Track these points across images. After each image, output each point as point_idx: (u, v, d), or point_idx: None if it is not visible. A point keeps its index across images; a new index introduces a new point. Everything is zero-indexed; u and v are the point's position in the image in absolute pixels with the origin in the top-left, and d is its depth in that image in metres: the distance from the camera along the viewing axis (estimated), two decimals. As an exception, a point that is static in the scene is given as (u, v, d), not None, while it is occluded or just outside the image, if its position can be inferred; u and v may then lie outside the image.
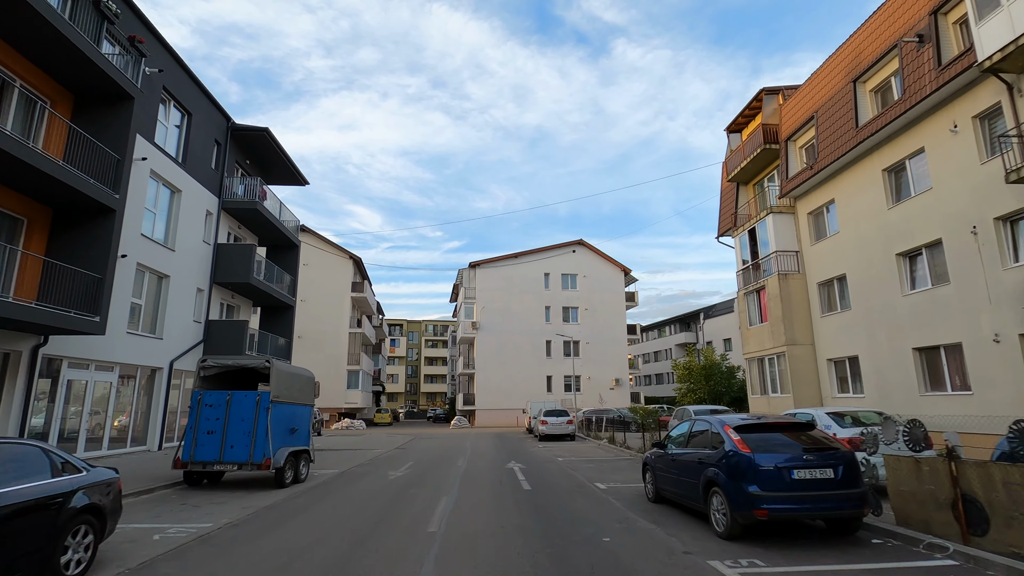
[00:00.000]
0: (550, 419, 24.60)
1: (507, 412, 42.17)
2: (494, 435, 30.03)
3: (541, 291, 45.11)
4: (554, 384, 43.54)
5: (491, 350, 43.17)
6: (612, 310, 45.62)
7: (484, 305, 43.92)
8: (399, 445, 22.47)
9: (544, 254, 45.84)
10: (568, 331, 44.66)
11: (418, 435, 30.49)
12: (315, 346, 40.93)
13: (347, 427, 39.20)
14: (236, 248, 19.61)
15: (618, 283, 46.35)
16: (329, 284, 42.00)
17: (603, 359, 44.51)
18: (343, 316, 41.44)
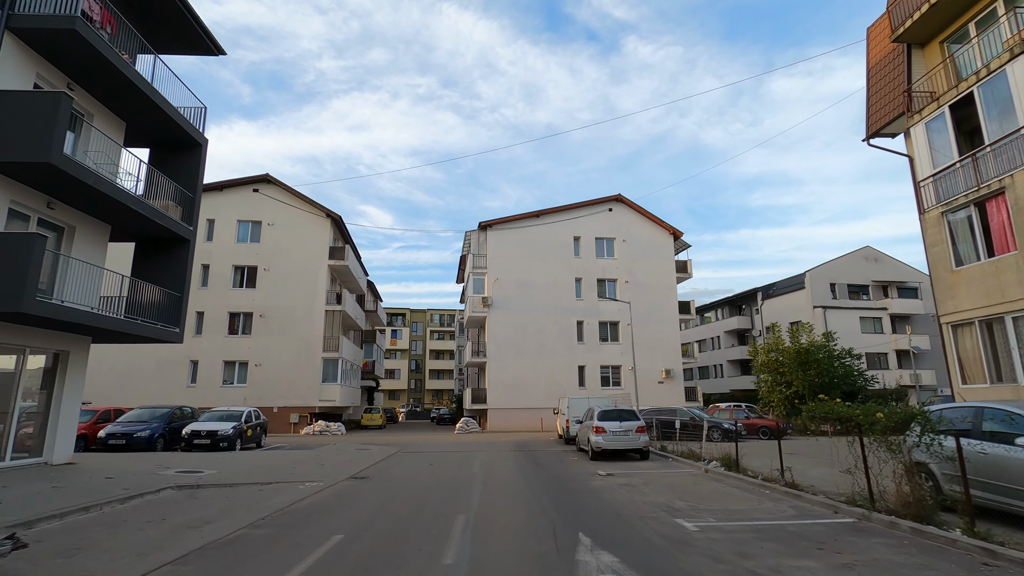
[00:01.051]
0: (611, 425, 15.16)
1: (527, 412, 32.82)
2: (514, 446, 20.65)
3: (570, 259, 35.63)
4: (587, 376, 34.07)
5: (507, 333, 33.80)
6: (659, 283, 36.03)
7: (498, 276, 34.55)
8: (358, 472, 13.16)
9: (573, 213, 36.35)
10: (605, 309, 35.16)
11: (405, 446, 21.19)
12: (280, 327, 31.84)
13: (320, 432, 30.04)
14: (16, 97, 10.31)
15: (666, 249, 36.73)
16: (299, 249, 32.90)
17: (649, 344, 34.91)
18: (317, 289, 32.39)
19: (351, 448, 18.93)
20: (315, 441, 23.99)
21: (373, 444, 21.71)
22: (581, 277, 35.47)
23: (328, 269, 33.22)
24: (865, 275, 43.18)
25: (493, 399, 32.94)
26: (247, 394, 30.77)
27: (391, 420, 47.78)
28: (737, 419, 23.28)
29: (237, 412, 18.10)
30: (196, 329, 31.31)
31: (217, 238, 32.51)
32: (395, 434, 31.39)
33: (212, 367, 30.85)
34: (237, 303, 31.82)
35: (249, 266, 32.52)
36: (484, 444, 21.80)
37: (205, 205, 32.83)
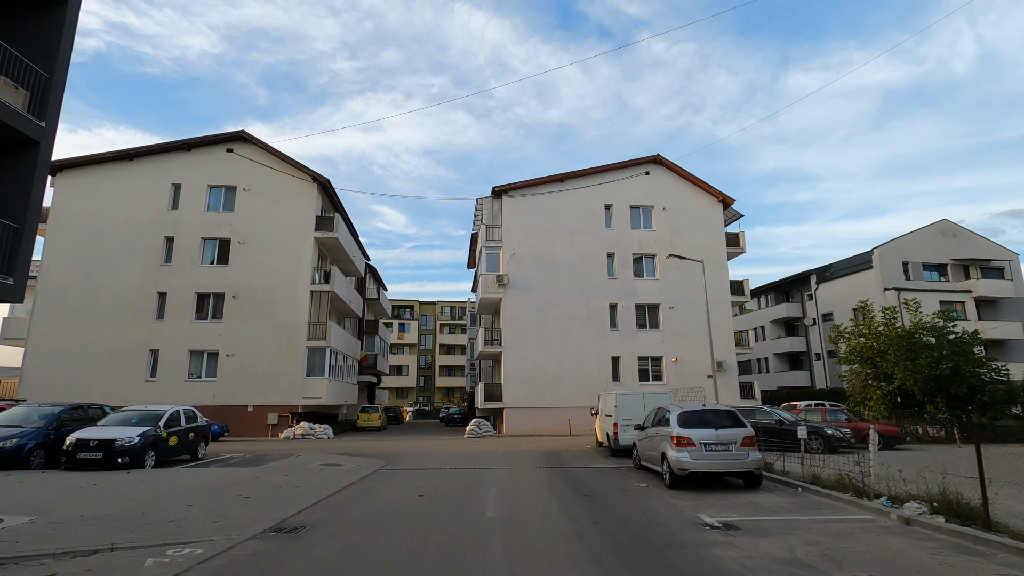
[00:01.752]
0: (701, 435, 9.62)
1: (551, 413, 27.40)
2: (543, 460, 15.20)
3: (600, 230, 30.09)
4: (623, 369, 28.52)
5: (526, 318, 28.38)
6: (707, 259, 30.22)
7: (515, 251, 29.13)
8: (293, 515, 7.80)
9: (603, 177, 30.78)
10: (642, 290, 29.59)
11: (396, 458, 15.83)
12: (257, 310, 26.75)
13: (302, 435, 24.88)
14: None
15: (713, 219, 31.03)
16: (281, 218, 27.80)
17: (696, 332, 29.27)
18: (302, 266, 27.27)
19: (317, 462, 13.63)
20: (286, 449, 18.80)
21: (356, 454, 16.43)
22: (614, 252, 29.91)
23: (314, 243, 28.06)
24: (942, 252, 37.04)
25: (510, 396, 27.55)
26: (217, 390, 25.74)
27: (394, 420, 42.64)
28: (833, 422, 17.68)
29: (155, 413, 12.89)
30: (157, 313, 26.36)
31: (183, 206, 27.51)
32: (393, 438, 26.13)
33: (175, 358, 25.86)
34: (206, 282, 26.81)
35: (221, 239, 27.48)
36: (501, 455, 16.39)
37: (169, 167, 27.95)
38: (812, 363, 42.13)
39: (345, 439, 25.30)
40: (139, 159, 27.81)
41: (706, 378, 28.57)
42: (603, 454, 16.30)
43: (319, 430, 25.41)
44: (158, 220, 27.15)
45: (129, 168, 27.64)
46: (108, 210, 26.96)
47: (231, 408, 25.60)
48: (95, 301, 25.87)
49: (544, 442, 21.72)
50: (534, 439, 23.80)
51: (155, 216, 27.16)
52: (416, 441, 23.71)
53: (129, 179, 27.48)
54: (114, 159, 27.54)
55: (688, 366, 28.74)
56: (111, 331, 25.64)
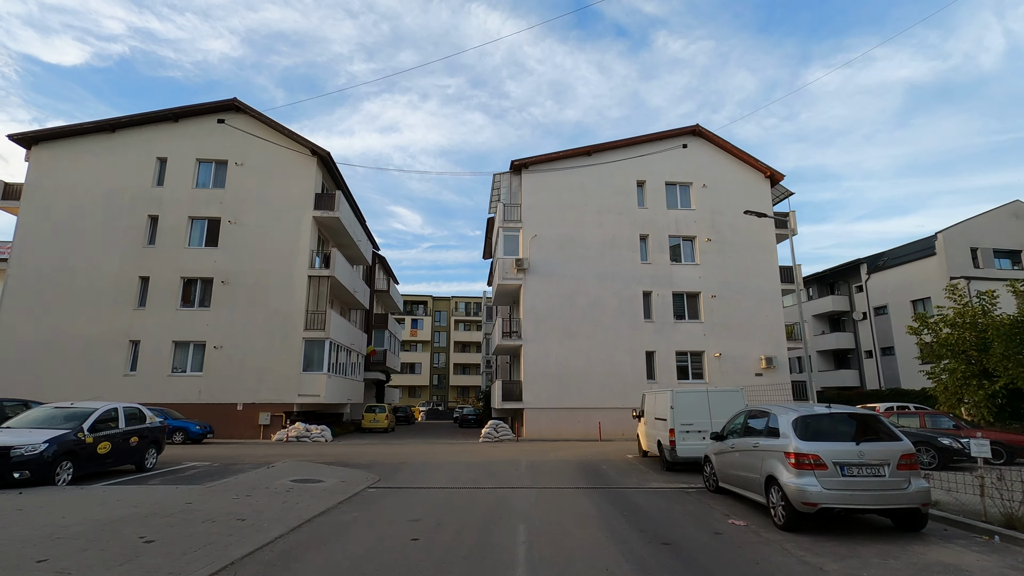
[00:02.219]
0: (838, 452, 6.37)
1: (577, 415, 24.19)
2: (580, 475, 11.98)
3: (632, 209, 26.76)
4: (659, 365, 25.15)
5: (549, 307, 25.18)
6: (753, 242, 26.85)
7: (537, 232, 25.94)
8: (229, 563, 4.72)
9: (635, 150, 27.44)
10: (680, 277, 26.20)
11: (393, 471, 12.70)
12: (249, 297, 23.94)
13: (297, 437, 22.01)
14: None
15: (760, 197, 27.49)
16: (276, 196, 24.97)
17: (742, 324, 25.87)
18: (299, 248, 24.42)
19: (290, 477, 10.58)
20: (269, 455, 15.85)
21: (347, 464, 13.39)
22: (647, 234, 26.55)
23: (313, 223, 25.18)
24: (1017, 238, 32.96)
25: (531, 395, 24.35)
26: (203, 386, 22.99)
27: (405, 421, 39.73)
28: (938, 429, 14.26)
29: (81, 411, 9.94)
30: (138, 300, 23.69)
31: (170, 183, 24.82)
32: (399, 442, 23.11)
33: (158, 349, 23.15)
34: (193, 266, 24.08)
35: (210, 218, 24.74)
36: (525, 467, 13.21)
37: (154, 139, 25.27)
38: (862, 361, 38.23)
39: (345, 442, 22.35)
40: (122, 130, 25.19)
41: (754, 376, 25.20)
42: (652, 467, 13.04)
43: (316, 432, 22.50)
44: (141, 197, 24.50)
45: (111, 140, 25.04)
46: (87, 186, 24.39)
47: (219, 406, 22.82)
48: (70, 286, 23.29)
49: (572, 449, 18.50)
50: (559, 444, 20.59)
51: (138, 193, 24.51)
52: (424, 446, 20.65)
53: (110, 152, 24.88)
54: (94, 130, 24.96)
55: (733, 362, 25.29)
56: (87, 319, 23.03)
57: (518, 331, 25.34)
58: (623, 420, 23.88)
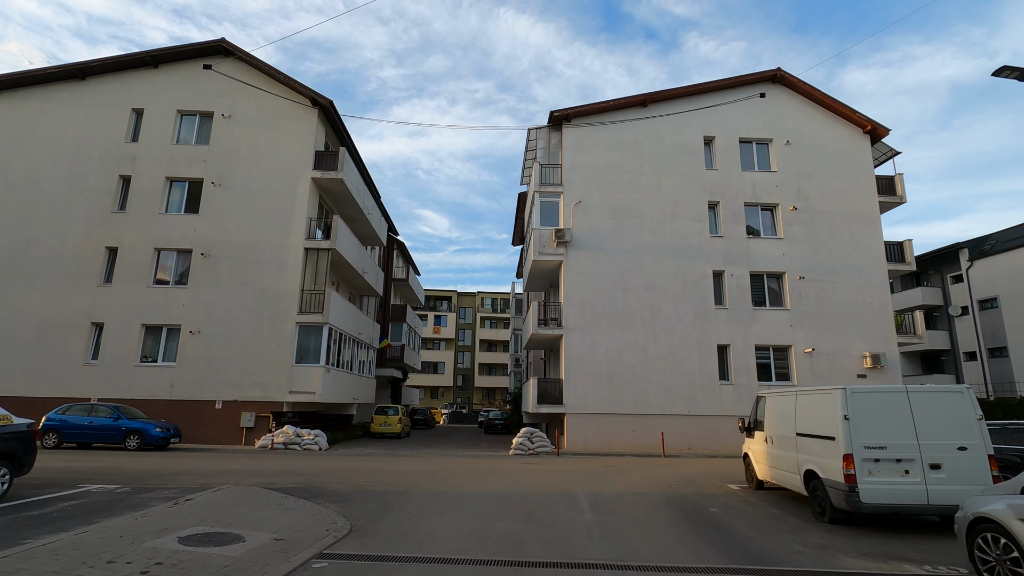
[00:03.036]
0: None
1: (633, 422, 19.36)
2: (682, 521, 7.21)
3: (698, 171, 21.81)
4: (734, 361, 20.12)
5: (596, 290, 20.44)
6: (850, 211, 21.60)
7: (581, 198, 21.24)
8: None
9: (701, 100, 22.50)
10: (759, 253, 21.14)
11: (387, 504, 8.14)
12: (233, 273, 19.87)
13: (284, 444, 17.77)
14: None
15: (858, 157, 22.21)
16: (269, 154, 20.90)
17: (839, 313, 20.67)
18: (295, 216, 20.30)
19: (190, 528, 6.13)
20: (227, 470, 11.53)
21: (311, 495, 8.92)
22: (718, 201, 21.57)
23: (313, 186, 21.00)
24: None
25: (573, 397, 19.60)
26: (177, 379, 18.96)
27: (423, 424, 35.37)
28: None
29: None
30: (104, 275, 19.86)
31: (146, 137, 20.98)
32: (409, 453, 18.63)
33: (125, 334, 19.24)
34: (170, 235, 20.14)
35: (192, 179, 20.80)
36: (587, 508, 8.51)
37: (130, 88, 21.44)
38: (959, 364, 32.27)
39: (342, 451, 18.00)
40: (93, 78, 21.48)
41: (856, 378, 20.00)
42: (793, 511, 8.20)
43: (308, 438, 18.20)
44: (112, 155, 20.71)
45: (79, 89, 21.34)
46: (50, 142, 20.74)
47: (194, 404, 18.77)
48: (25, 258, 19.61)
49: (639, 470, 13.71)
50: (614, 462, 15.80)
51: (109, 150, 20.74)
52: (440, 460, 16.12)
53: (79, 103, 21.18)
54: (61, 77, 21.30)
55: (828, 360, 20.09)
56: (43, 298, 19.29)
57: (557, 318, 20.64)
58: (690, 431, 19.00)
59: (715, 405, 19.59)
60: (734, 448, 19.09)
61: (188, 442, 18.30)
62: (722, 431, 19.34)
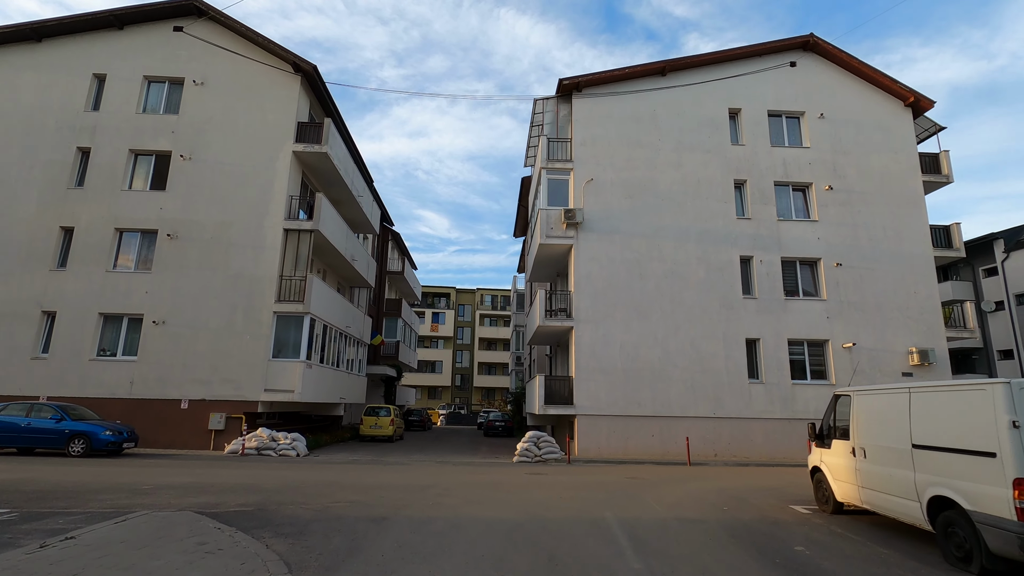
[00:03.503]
0: None
1: (651, 425, 17.21)
2: (769, 571, 4.98)
3: (723, 147, 19.67)
4: (765, 357, 17.96)
5: (610, 276, 18.30)
6: (892, 192, 19.47)
7: (593, 175, 19.08)
8: None
9: (726, 68, 20.37)
10: (792, 237, 19.00)
11: (350, 542, 5.96)
12: (203, 257, 17.69)
13: (257, 449, 15.61)
14: None
15: (898, 132, 20.09)
16: (246, 125, 18.74)
17: (880, 304, 18.54)
18: (272, 194, 18.16)
19: (112, 561, 3.98)
20: (190, 481, 9.36)
21: (258, 522, 6.77)
22: (745, 180, 19.43)
23: (294, 161, 18.84)
24: None
25: (585, 397, 17.43)
26: (138, 375, 16.78)
27: (418, 426, 33.17)
28: None
29: None
30: (57, 257, 17.68)
31: (108, 106, 18.82)
32: (399, 460, 16.46)
33: (80, 325, 17.06)
34: (133, 214, 17.98)
35: (159, 152, 18.63)
36: (627, 545, 6.36)
37: (92, 52, 19.26)
38: (993, 363, 30.14)
39: (324, 457, 15.82)
40: (50, 40, 19.31)
41: (901, 376, 17.88)
42: (909, 550, 6.04)
43: (284, 442, 16.02)
44: (70, 125, 18.55)
45: (35, 52, 19.18)
46: (1, 110, 18.57)
47: (157, 403, 16.59)
48: (-32, 238, 17.43)
49: (672, 483, 11.55)
50: (635, 471, 13.64)
51: (66, 119, 18.58)
52: (432, 470, 13.95)
53: (33, 67, 19.01)
54: (15, 38, 19.14)
55: (869, 356, 17.96)
56: (-13, 282, 17.11)
57: (566, 308, 18.47)
58: (716, 435, 16.90)
59: (743, 406, 17.45)
60: (764, 454, 16.98)
61: (148, 446, 16.14)
62: (752, 435, 17.23)
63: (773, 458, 16.95)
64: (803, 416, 17.38)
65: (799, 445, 17.16)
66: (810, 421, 9.71)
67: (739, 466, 15.66)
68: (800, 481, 11.79)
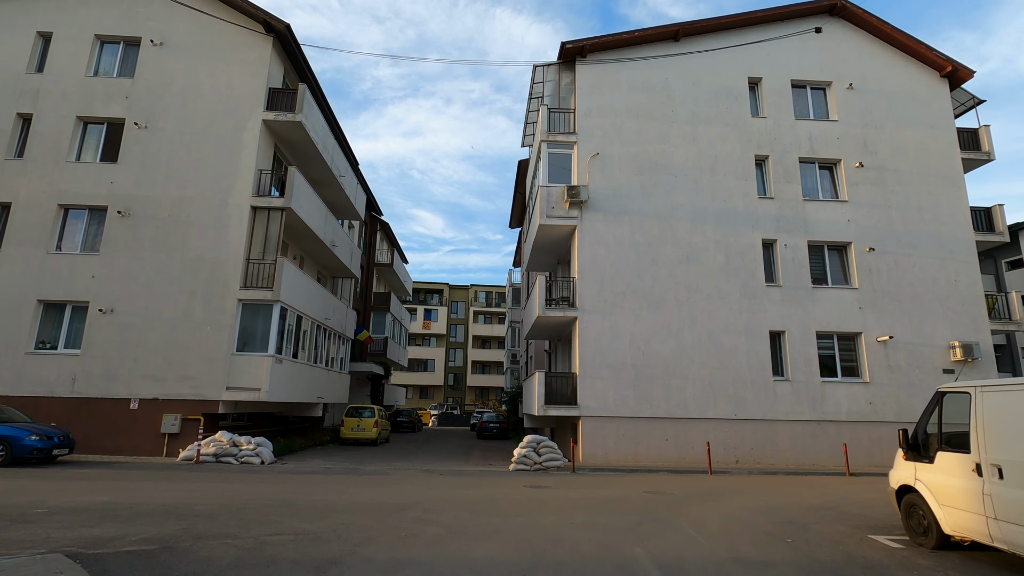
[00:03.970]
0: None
1: (665, 427, 15.28)
2: None
3: (743, 119, 17.76)
4: (791, 351, 16.05)
5: (618, 262, 16.35)
6: (928, 170, 17.62)
7: (598, 148, 17.13)
8: None
9: (744, 34, 18.48)
10: (819, 219, 17.11)
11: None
12: (160, 236, 15.61)
13: (216, 456, 13.54)
14: None
15: (934, 105, 18.26)
16: (210, 91, 16.67)
17: (917, 293, 16.69)
18: (240, 168, 16.11)
19: None
20: (105, 499, 7.35)
21: (173, 568, 4.71)
22: (767, 155, 17.54)
23: (264, 130, 16.78)
24: None
25: (591, 397, 15.47)
26: (81, 370, 14.68)
27: (407, 428, 31.11)
28: None
29: None
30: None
31: (53, 67, 16.69)
32: (378, 469, 14.44)
33: (16, 313, 14.93)
34: (80, 189, 15.86)
35: (111, 120, 16.53)
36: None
37: (35, 7, 17.11)
38: (1018, 361, 28.40)
39: (291, 466, 13.79)
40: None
41: (942, 373, 16.04)
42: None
43: (247, 447, 13.97)
44: (10, 88, 16.43)
45: (-29, 7, 17.03)
46: (-69, 71, 16.44)
47: (103, 403, 14.50)
48: None
49: (696, 498, 9.61)
50: (652, 481, 11.69)
51: (6, 82, 16.46)
52: (414, 483, 11.95)
53: (-31, 24, 16.87)
54: (-52, -8, 16.97)
55: (907, 351, 16.10)
56: (-91, 265, 14.97)
57: (569, 297, 16.51)
58: (737, 439, 15.02)
59: (768, 407, 15.55)
60: (791, 461, 15.10)
61: (91, 452, 14.06)
62: (777, 440, 15.35)
63: (801, 465, 15.07)
64: (833, 418, 15.51)
65: (829, 451, 15.31)
66: (901, 427, 7.76)
67: (765, 475, 13.76)
68: (857, 496, 9.87)
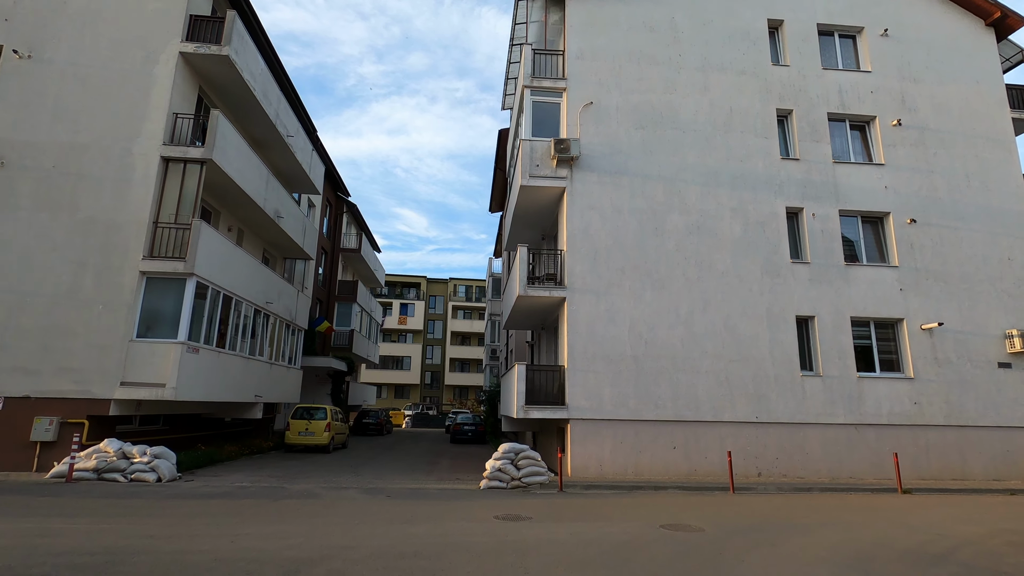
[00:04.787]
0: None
1: (672, 433, 12.42)
2: None
3: (762, 67, 15.03)
4: (820, 339, 13.34)
5: (615, 232, 13.49)
6: (975, 130, 15.08)
7: (592, 97, 14.23)
8: None
9: (763, -30, 15.75)
10: (851, 185, 14.43)
11: None
12: (42, 192, 12.31)
13: (95, 472, 10.31)
14: None
15: (981, 58, 15.76)
16: (112, 15, 13.44)
17: (966, 272, 14.11)
18: (148, 110, 12.94)
19: None
20: None
21: None
22: (790, 110, 14.84)
23: (183, 65, 13.56)
24: None
25: (582, 396, 12.58)
26: (-72, 361, 11.31)
27: (375, 431, 27.90)
28: None
29: None
30: None
31: (-88, -18, 13.26)
32: (302, 491, 11.36)
33: None
34: (-62, 132, 12.49)
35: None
36: None
37: None
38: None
39: (198, 483, 10.63)
40: None
41: (996, 367, 13.48)
42: None
43: (140, 459, 10.77)
44: None
45: None
46: None
47: (-45, 402, 11.18)
48: None
49: (732, 534, 6.78)
50: (663, 503, 8.83)
51: None
52: (343, 515, 8.94)
53: None
54: None
55: (955, 341, 13.52)
56: None
57: (556, 274, 13.61)
58: (760, 447, 12.29)
59: (795, 408, 12.84)
60: (825, 474, 12.40)
61: (-70, 468, 10.75)
62: (807, 447, 12.64)
63: (836, 478, 12.38)
64: (873, 421, 12.86)
65: (869, 460, 12.65)
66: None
67: (797, 491, 11.03)
68: (964, 533, 7.09)
